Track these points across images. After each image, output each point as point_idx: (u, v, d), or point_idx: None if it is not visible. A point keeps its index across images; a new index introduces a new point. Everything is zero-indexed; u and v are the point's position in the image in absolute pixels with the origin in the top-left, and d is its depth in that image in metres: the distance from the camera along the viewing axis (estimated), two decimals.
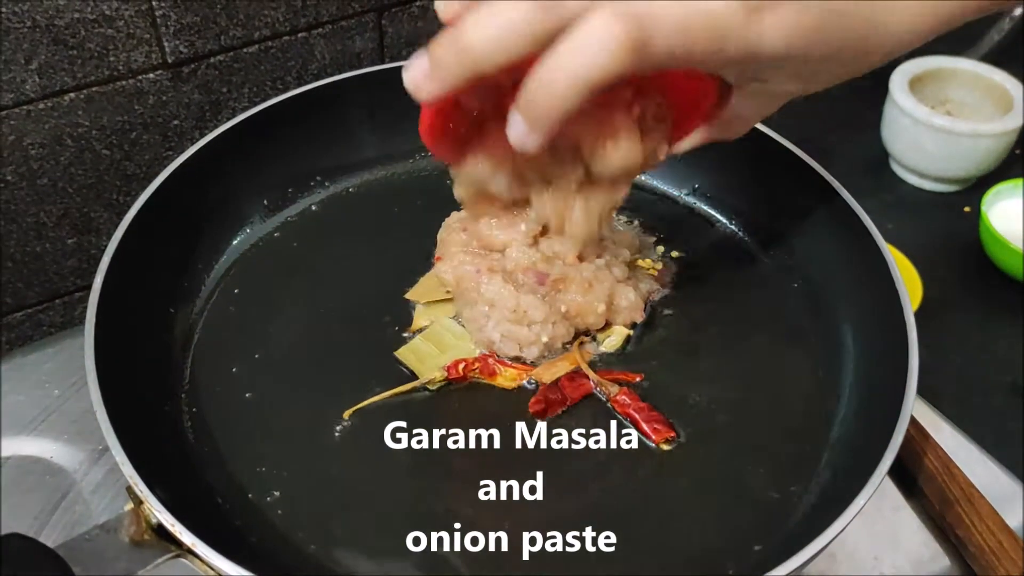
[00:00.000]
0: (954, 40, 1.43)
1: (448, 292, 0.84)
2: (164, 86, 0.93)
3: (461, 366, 0.79)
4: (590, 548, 0.69)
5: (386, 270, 0.88)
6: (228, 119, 0.91)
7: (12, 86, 0.85)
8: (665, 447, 0.75)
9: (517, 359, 0.80)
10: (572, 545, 0.69)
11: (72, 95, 0.88)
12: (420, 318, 0.84)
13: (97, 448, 0.84)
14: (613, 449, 0.75)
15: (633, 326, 0.84)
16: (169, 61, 0.92)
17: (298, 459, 0.74)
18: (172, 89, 0.93)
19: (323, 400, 0.77)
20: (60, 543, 0.59)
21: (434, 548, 0.68)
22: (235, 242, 0.91)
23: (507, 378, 0.79)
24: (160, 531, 0.61)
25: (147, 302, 0.81)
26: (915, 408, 0.69)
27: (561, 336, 0.81)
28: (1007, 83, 1.34)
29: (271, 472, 0.72)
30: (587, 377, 0.79)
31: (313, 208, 0.96)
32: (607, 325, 0.83)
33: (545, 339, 0.80)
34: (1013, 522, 0.82)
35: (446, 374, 0.79)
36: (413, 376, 0.79)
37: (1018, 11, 1.39)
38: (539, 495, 0.71)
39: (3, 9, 0.81)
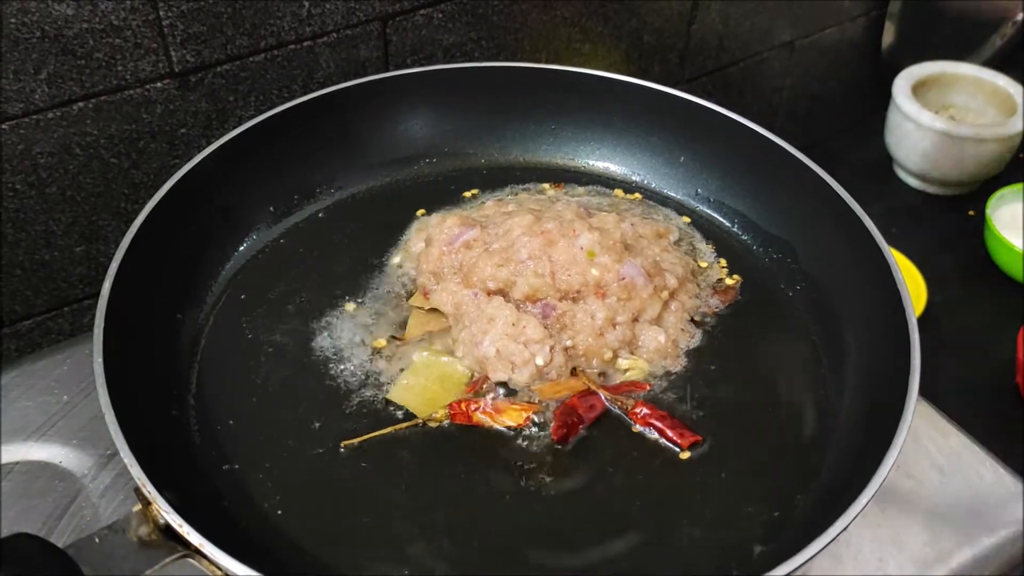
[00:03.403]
0: (957, 45, 1.44)
1: (441, 323, 0.84)
2: (171, 95, 0.94)
3: (464, 405, 0.77)
4: (594, 551, 0.70)
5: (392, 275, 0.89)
6: (235, 127, 0.91)
7: (21, 96, 0.86)
8: (684, 455, 0.75)
9: (506, 385, 0.78)
10: (576, 546, 0.70)
11: (80, 104, 0.89)
12: (414, 328, 0.84)
13: (105, 453, 0.85)
14: (621, 459, 0.75)
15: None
16: (176, 70, 0.93)
17: (302, 463, 0.74)
18: (179, 98, 0.94)
19: (327, 404, 0.78)
20: (69, 543, 0.60)
21: (432, 552, 0.69)
22: (242, 248, 0.92)
23: (512, 416, 0.77)
24: (168, 532, 0.61)
25: (155, 308, 0.81)
26: (918, 409, 0.69)
27: (558, 367, 0.79)
28: (1010, 88, 1.35)
29: (276, 475, 0.73)
30: (597, 395, 0.78)
31: (320, 215, 0.96)
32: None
33: (540, 361, 0.78)
34: (1015, 522, 0.82)
35: (449, 412, 0.77)
36: None
37: (1020, 16, 1.40)
38: (550, 493, 0.73)
39: (12, 20, 0.82)
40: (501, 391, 0.79)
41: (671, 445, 0.76)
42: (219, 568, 0.60)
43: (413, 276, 0.89)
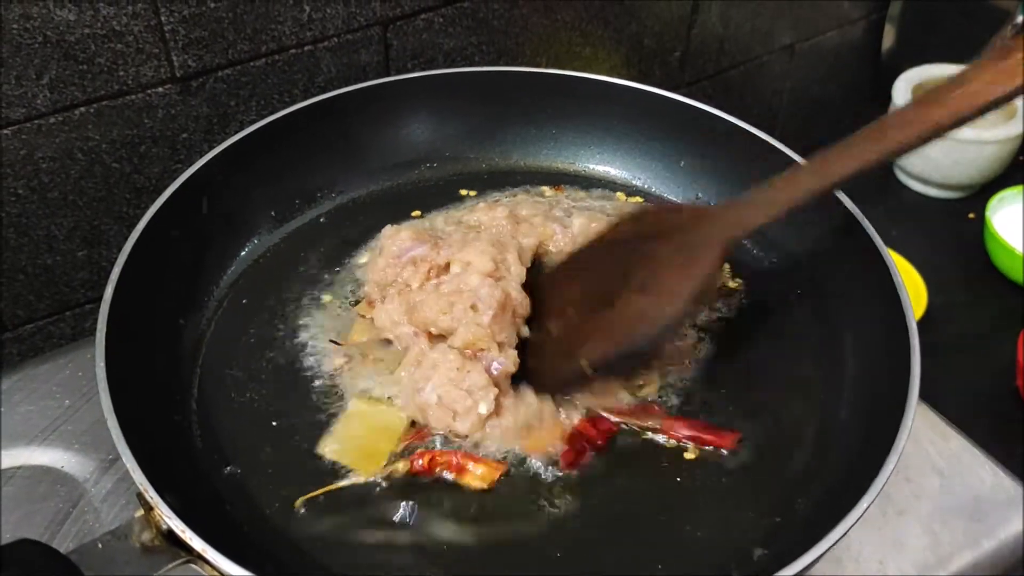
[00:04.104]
0: (957, 48, 1.44)
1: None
2: (173, 100, 0.94)
3: (428, 459, 0.73)
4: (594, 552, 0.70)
5: None
6: (236, 132, 0.92)
7: (24, 101, 0.86)
8: (690, 455, 0.75)
9: (448, 438, 0.75)
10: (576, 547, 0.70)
11: (82, 109, 0.89)
12: (357, 334, 0.83)
13: (107, 458, 0.85)
14: (622, 462, 0.76)
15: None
16: (178, 75, 0.93)
17: (305, 466, 0.74)
18: (181, 103, 0.95)
19: (330, 409, 0.78)
20: (72, 549, 0.60)
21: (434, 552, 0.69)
22: (243, 253, 0.92)
23: (478, 477, 0.72)
24: (170, 537, 0.61)
25: (157, 313, 0.82)
26: (918, 412, 0.70)
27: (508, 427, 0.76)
28: None
29: (278, 479, 0.73)
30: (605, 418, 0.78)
31: (321, 219, 0.97)
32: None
33: (483, 410, 0.74)
34: (1014, 525, 0.83)
35: (409, 466, 0.73)
36: None
37: (1020, 19, 1.40)
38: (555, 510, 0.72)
39: (15, 25, 0.82)
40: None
41: (712, 449, 0.76)
42: (221, 573, 0.60)
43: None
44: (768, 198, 0.74)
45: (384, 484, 0.73)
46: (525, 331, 0.80)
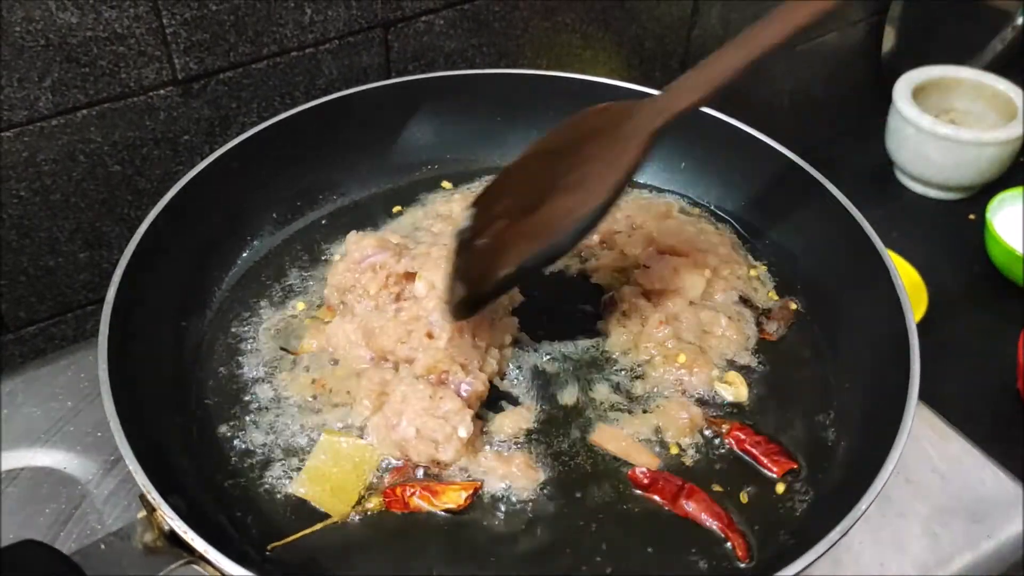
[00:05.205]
0: (957, 50, 1.44)
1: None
2: (174, 102, 0.94)
3: (400, 491, 0.71)
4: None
5: None
6: (237, 134, 0.92)
7: (26, 103, 0.86)
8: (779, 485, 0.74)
9: (430, 469, 0.74)
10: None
11: (84, 112, 0.90)
12: (307, 345, 0.83)
13: (109, 459, 0.85)
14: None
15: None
16: (179, 77, 0.93)
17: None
18: (182, 105, 0.95)
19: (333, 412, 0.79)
20: (75, 550, 0.60)
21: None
22: (245, 255, 0.92)
23: (452, 497, 0.71)
24: (172, 538, 0.62)
25: (159, 314, 0.82)
26: (919, 414, 0.70)
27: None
28: (1010, 92, 1.35)
29: (280, 480, 0.73)
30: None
31: (322, 221, 0.97)
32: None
33: (463, 433, 0.73)
34: (1015, 526, 0.83)
35: (384, 501, 0.71)
36: None
37: (1020, 20, 1.40)
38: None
39: (17, 28, 0.82)
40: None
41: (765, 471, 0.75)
42: (223, 574, 0.60)
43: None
44: (692, 83, 0.74)
45: (358, 521, 0.71)
46: (494, 356, 0.80)
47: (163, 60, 0.91)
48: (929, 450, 0.90)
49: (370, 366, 0.80)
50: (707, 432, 0.77)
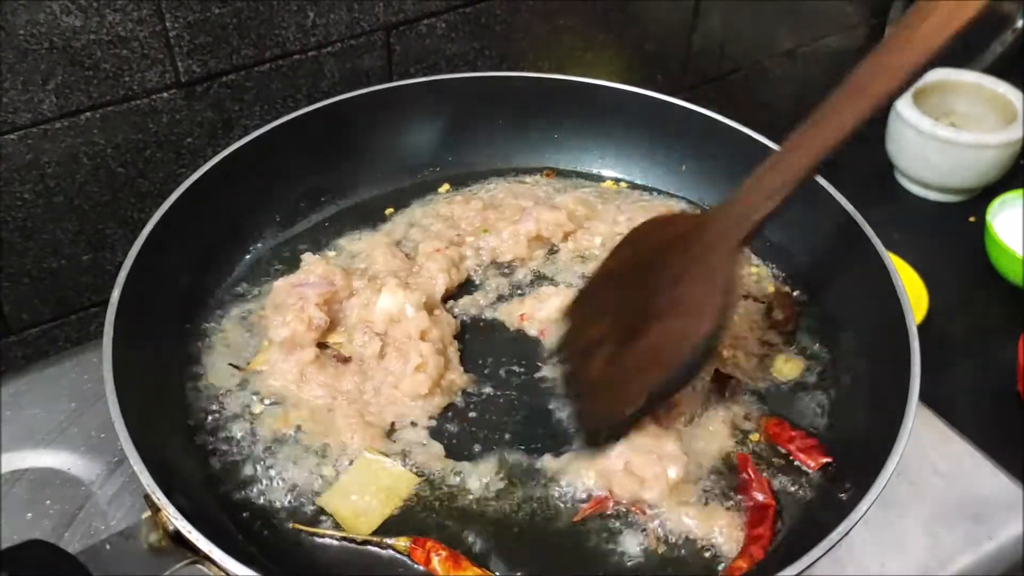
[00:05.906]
0: (958, 53, 1.44)
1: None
2: (177, 105, 0.94)
3: (428, 545, 0.69)
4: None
5: None
6: (240, 137, 0.92)
7: (30, 106, 0.86)
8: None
9: (632, 510, 0.72)
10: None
11: (88, 114, 0.90)
12: (259, 361, 0.82)
13: (113, 460, 0.85)
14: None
15: None
16: (182, 80, 0.93)
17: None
18: (185, 108, 0.95)
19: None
20: (80, 550, 0.60)
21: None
22: (247, 257, 0.93)
23: None
24: (177, 538, 0.62)
25: (162, 316, 0.82)
26: (919, 415, 0.70)
27: None
28: (1010, 94, 1.35)
29: (281, 480, 0.74)
30: None
31: (325, 224, 0.97)
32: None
33: (673, 475, 0.71)
34: (1015, 527, 0.83)
35: (411, 545, 0.69)
36: None
37: (1021, 23, 1.40)
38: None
39: (21, 31, 0.82)
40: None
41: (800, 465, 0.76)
42: (227, 574, 0.60)
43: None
44: (765, 187, 0.71)
45: (374, 550, 0.70)
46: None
47: (166, 63, 0.91)
48: (930, 452, 0.90)
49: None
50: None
